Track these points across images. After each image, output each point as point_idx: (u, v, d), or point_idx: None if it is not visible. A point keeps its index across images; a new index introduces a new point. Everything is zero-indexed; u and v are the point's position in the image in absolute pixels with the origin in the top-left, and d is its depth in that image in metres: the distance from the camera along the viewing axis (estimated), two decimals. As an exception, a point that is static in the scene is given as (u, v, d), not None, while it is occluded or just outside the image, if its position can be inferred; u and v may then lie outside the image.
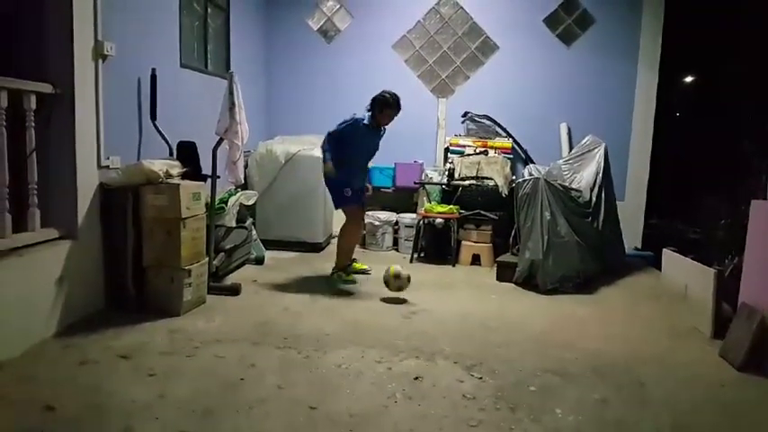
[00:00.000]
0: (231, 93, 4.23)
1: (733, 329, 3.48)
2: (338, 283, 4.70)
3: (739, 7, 6.59)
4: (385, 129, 4.80)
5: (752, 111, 6.32)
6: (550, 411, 2.70)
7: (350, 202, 4.72)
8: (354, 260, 4.95)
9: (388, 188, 6.60)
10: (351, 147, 4.60)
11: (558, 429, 2.55)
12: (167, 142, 4.36)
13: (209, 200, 4.35)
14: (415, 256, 5.87)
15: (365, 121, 4.60)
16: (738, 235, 3.96)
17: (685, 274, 4.27)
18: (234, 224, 4.94)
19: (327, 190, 4.97)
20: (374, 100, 4.63)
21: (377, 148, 4.89)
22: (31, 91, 3.28)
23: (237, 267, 5.03)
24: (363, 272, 4.91)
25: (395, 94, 4.65)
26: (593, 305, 4.53)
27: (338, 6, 6.85)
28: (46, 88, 3.37)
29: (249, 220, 5.38)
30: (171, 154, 4.36)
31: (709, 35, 7.02)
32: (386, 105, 4.59)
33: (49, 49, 3.46)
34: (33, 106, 3.31)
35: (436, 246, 5.90)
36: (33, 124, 3.33)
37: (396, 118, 4.71)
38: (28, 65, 3.41)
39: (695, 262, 4.22)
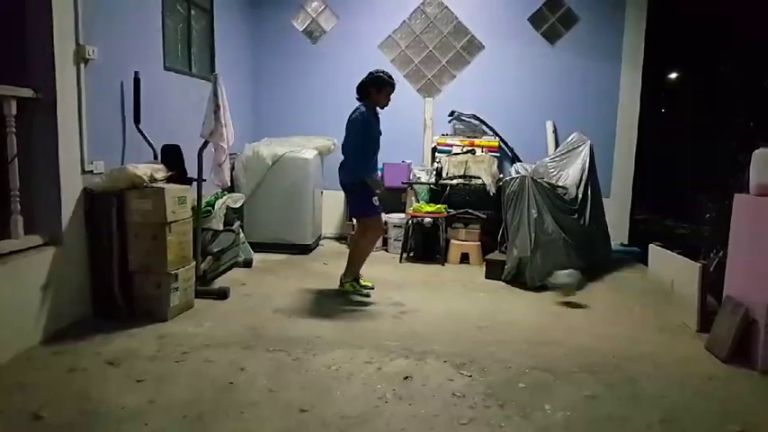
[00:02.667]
0: (216, 95, 4.20)
1: (718, 323, 3.52)
2: (353, 294, 4.41)
3: (724, 5, 6.66)
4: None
5: (736, 107, 6.39)
6: (540, 408, 2.72)
7: (376, 212, 4.50)
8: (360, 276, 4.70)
9: (376, 188, 6.58)
10: (370, 142, 4.43)
11: (547, 426, 2.57)
12: (152, 146, 4.32)
13: (196, 203, 4.32)
14: (404, 255, 5.88)
15: (367, 109, 4.41)
16: (723, 229, 4.00)
17: (671, 269, 4.32)
18: (221, 227, 4.91)
19: (348, 196, 4.62)
20: (368, 83, 4.42)
21: (380, 133, 4.64)
22: (11, 96, 3.24)
23: (225, 271, 5.00)
24: (366, 288, 4.60)
25: (386, 72, 4.48)
26: (581, 301, 4.55)
27: (323, 7, 6.84)
28: (27, 93, 3.33)
29: (236, 223, 5.35)
30: (155, 157, 4.32)
31: (694, 32, 7.10)
32: (386, 84, 4.40)
33: (29, 53, 3.42)
34: (14, 111, 3.27)
35: (425, 245, 5.91)
36: (14, 130, 3.29)
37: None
38: (8, 69, 3.37)
39: (681, 257, 4.27)
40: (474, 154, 6.26)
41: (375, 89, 4.39)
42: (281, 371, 3.07)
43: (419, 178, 6.36)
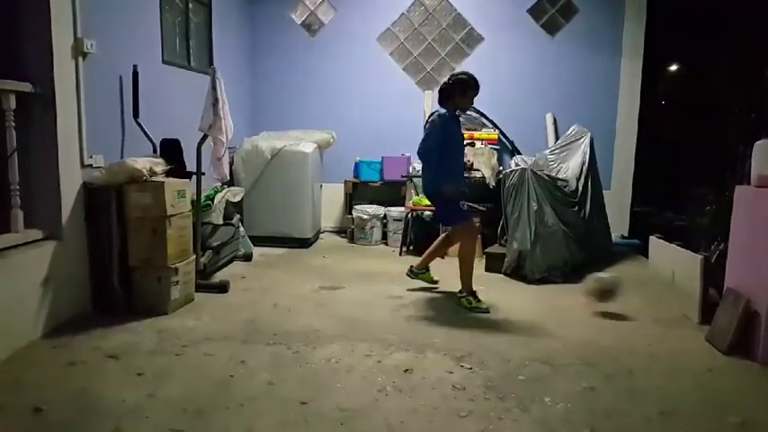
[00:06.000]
0: (214, 88, 4.19)
1: (719, 315, 3.52)
2: (468, 307, 4.13)
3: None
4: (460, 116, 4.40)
5: (736, 98, 6.37)
6: (539, 400, 2.72)
7: (468, 216, 4.41)
8: (428, 269, 4.66)
9: (376, 182, 6.59)
10: (451, 148, 4.15)
11: (546, 418, 2.57)
12: (151, 140, 4.32)
13: (195, 197, 4.32)
14: (404, 249, 5.87)
15: (446, 112, 4.12)
16: (724, 221, 4.00)
17: (672, 261, 4.31)
18: (221, 221, 4.91)
19: (433, 203, 4.53)
20: (452, 85, 4.14)
21: (464, 139, 4.52)
22: (9, 90, 3.23)
23: (225, 264, 5.01)
24: (433, 282, 4.63)
25: (471, 74, 4.20)
26: (581, 294, 4.55)
27: (321, -1, 6.82)
28: (25, 87, 3.32)
29: (236, 217, 5.35)
30: (155, 151, 4.32)
31: (694, 23, 7.06)
32: (468, 87, 4.14)
33: (27, 47, 3.41)
34: (13, 106, 3.26)
35: (425, 238, 5.89)
36: (14, 124, 3.28)
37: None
38: (6, 64, 3.35)
39: (682, 249, 4.26)
40: (473, 146, 6.24)
41: (459, 91, 4.14)
42: (280, 364, 3.07)
43: (419, 171, 6.35)
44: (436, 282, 4.65)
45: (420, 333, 3.57)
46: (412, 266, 4.67)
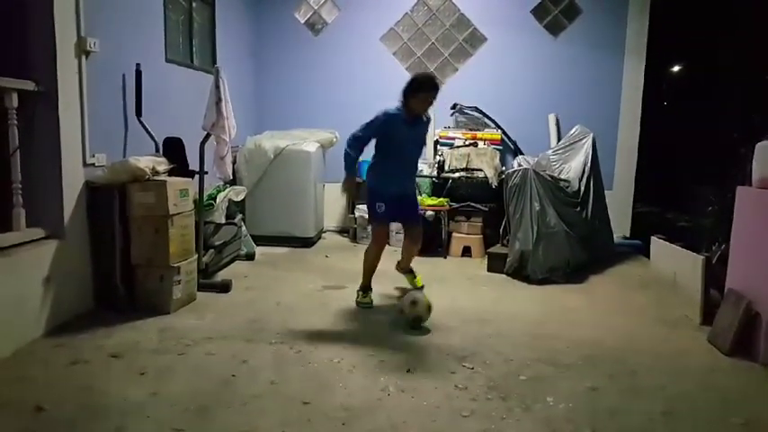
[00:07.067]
0: (217, 87, 4.20)
1: (721, 315, 3.51)
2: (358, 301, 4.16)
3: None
4: (429, 118, 4.21)
5: (738, 99, 6.37)
6: (542, 400, 2.72)
7: (377, 220, 4.12)
8: (413, 274, 4.47)
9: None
10: (385, 143, 4.00)
11: (549, 417, 2.57)
12: (153, 139, 4.32)
13: (198, 196, 4.32)
14: (406, 248, 5.86)
15: (395, 111, 3.91)
16: (725, 222, 3.99)
17: (674, 262, 4.32)
18: (223, 220, 4.92)
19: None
20: (405, 86, 3.94)
21: (422, 142, 4.29)
22: (12, 89, 3.23)
23: (228, 264, 5.01)
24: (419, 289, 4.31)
25: (427, 74, 3.93)
26: (583, 294, 4.56)
27: (324, -1, 6.81)
28: (28, 86, 3.32)
29: (238, 216, 5.36)
30: (157, 150, 4.32)
31: (696, 24, 7.06)
32: (418, 88, 3.87)
33: (30, 46, 3.41)
34: (15, 104, 3.26)
35: (427, 238, 5.89)
36: (16, 122, 3.28)
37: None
38: (9, 62, 3.36)
39: (683, 249, 4.26)
40: (476, 147, 6.24)
41: (410, 92, 3.90)
42: (282, 364, 3.07)
43: (421, 171, 6.33)
44: (421, 287, 4.42)
45: (422, 333, 3.57)
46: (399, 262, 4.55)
